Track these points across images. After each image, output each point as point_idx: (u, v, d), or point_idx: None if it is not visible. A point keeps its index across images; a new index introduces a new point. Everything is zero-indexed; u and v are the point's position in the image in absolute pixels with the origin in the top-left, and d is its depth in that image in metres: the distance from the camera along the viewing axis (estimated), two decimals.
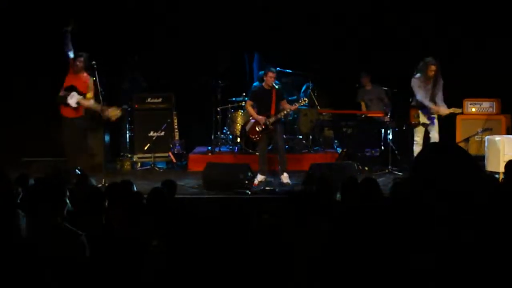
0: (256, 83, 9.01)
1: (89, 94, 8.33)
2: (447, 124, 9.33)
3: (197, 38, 10.78)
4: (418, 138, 8.76)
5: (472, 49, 9.78)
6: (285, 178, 8.44)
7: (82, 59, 8.31)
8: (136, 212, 4.37)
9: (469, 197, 2.00)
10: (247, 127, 8.97)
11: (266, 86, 8.62)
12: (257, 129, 8.70)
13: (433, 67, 8.42)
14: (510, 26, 10.06)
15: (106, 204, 4.43)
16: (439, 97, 8.57)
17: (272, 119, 8.57)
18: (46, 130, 9.97)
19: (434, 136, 8.72)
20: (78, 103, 8.34)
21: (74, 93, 8.34)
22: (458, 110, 8.83)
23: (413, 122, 8.78)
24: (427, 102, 8.51)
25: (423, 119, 8.71)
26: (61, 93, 8.35)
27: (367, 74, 10.42)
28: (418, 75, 8.56)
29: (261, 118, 8.59)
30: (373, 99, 10.39)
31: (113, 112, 8.23)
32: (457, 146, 2.28)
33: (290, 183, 8.38)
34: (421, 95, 8.54)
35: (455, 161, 2.08)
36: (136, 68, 10.82)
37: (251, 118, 8.89)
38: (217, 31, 10.65)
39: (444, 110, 8.56)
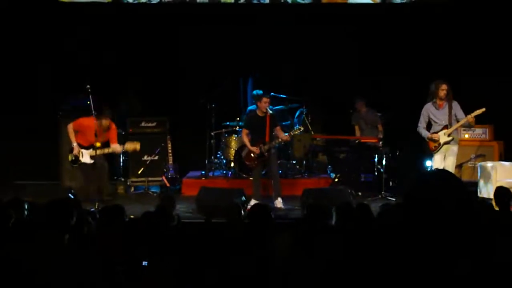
0: (251, 107, 9.01)
1: (98, 143, 8.38)
2: None
3: (192, 62, 10.83)
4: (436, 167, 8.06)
5: (464, 76, 9.85)
6: (278, 203, 8.43)
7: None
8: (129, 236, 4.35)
9: (462, 223, 2.01)
10: (243, 154, 8.96)
11: (260, 113, 8.63)
12: (253, 156, 8.70)
13: (444, 86, 8.05)
14: (501, 52, 10.19)
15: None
16: (461, 117, 8.07)
17: (266, 147, 8.57)
18: (39, 153, 9.97)
19: (450, 161, 8.13)
20: (91, 156, 8.53)
21: (82, 151, 8.58)
22: (478, 112, 7.96)
23: (433, 147, 8.14)
24: (421, 131, 8.22)
25: (443, 138, 8.09)
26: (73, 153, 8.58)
27: (362, 98, 10.46)
28: (428, 103, 8.21)
29: (255, 149, 8.60)
30: (368, 123, 10.41)
31: (131, 146, 8.77)
32: (449, 173, 2.29)
33: (284, 208, 8.38)
34: (420, 123, 8.25)
35: (448, 187, 2.09)
36: (132, 91, 10.84)
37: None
38: (212, 56, 10.71)
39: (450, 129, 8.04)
